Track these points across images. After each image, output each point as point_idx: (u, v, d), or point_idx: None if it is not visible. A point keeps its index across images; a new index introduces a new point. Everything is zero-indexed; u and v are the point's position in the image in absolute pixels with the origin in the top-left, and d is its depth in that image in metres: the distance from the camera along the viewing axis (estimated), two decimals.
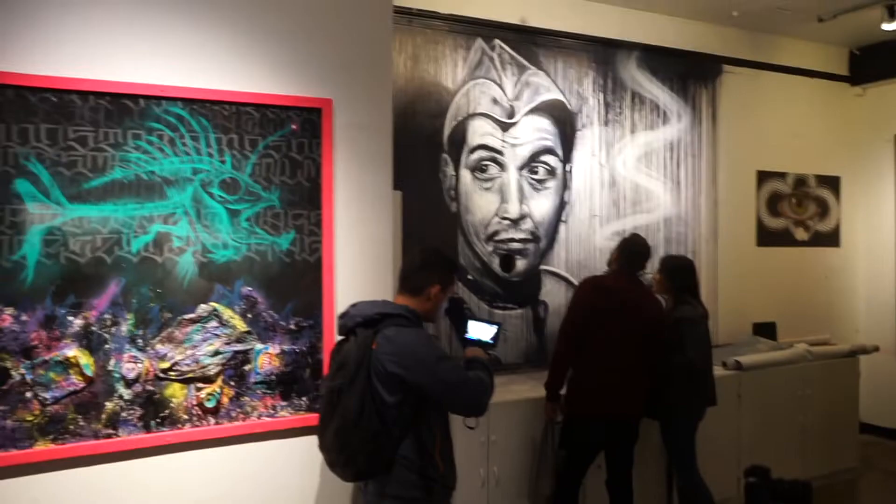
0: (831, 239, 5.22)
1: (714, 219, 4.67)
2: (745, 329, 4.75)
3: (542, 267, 4.04)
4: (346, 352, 1.95)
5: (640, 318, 2.94)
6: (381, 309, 1.98)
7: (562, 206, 4.08)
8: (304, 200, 2.48)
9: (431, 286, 2.05)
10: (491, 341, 2.21)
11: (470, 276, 3.85)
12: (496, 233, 3.90)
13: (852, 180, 5.30)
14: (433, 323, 2.14)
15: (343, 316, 2.04)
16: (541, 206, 4.01)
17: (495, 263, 3.90)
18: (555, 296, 4.08)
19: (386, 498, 1.93)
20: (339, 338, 2.07)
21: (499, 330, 2.23)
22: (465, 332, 2.22)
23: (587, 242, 4.18)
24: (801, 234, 5.07)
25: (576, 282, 4.00)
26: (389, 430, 1.88)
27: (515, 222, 3.93)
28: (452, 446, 2.05)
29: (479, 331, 2.22)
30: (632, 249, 3.05)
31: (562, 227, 4.09)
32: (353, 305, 2.05)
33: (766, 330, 4.78)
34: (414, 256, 2.10)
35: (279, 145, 2.45)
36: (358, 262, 2.57)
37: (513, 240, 3.92)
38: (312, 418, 2.44)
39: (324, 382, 2.04)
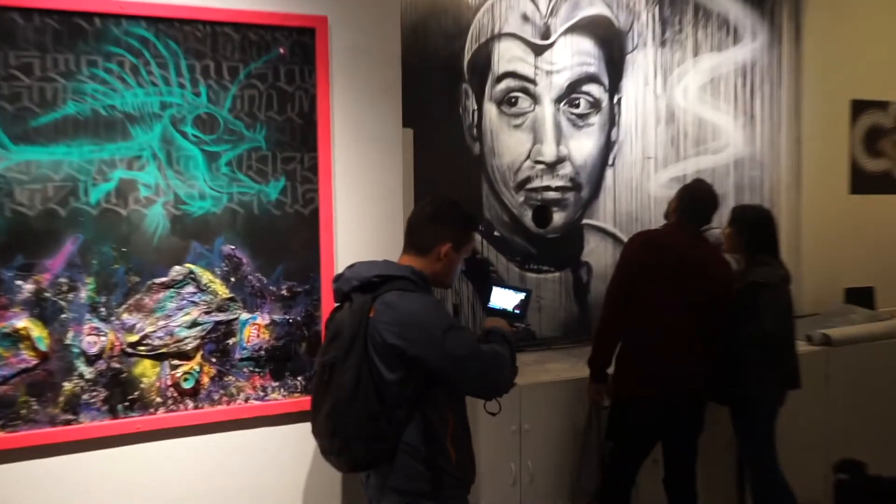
0: None
1: (797, 160, 4.64)
2: (835, 296, 4.74)
3: (585, 221, 4.04)
4: (339, 321, 1.99)
5: (703, 280, 2.94)
6: (380, 270, 2.00)
7: (608, 146, 4.04)
8: (296, 141, 2.48)
9: (442, 244, 2.06)
10: (517, 311, 2.23)
11: (497, 233, 3.83)
12: (528, 180, 3.88)
13: None
14: (446, 288, 2.16)
15: (338, 279, 2.07)
16: (582, 146, 3.98)
17: (527, 217, 3.89)
18: (600, 256, 4.06)
19: (388, 491, 1.97)
20: (336, 305, 2.11)
21: (527, 297, 2.24)
22: (489, 300, 2.26)
23: (639, 191, 4.15)
24: None
25: (625, 238, 3.97)
26: (390, 411, 1.91)
27: (552, 167, 3.90)
28: (469, 433, 2.08)
29: (505, 299, 2.25)
30: (693, 197, 3.03)
31: (608, 173, 4.06)
32: (350, 267, 2.08)
33: (861, 297, 4.76)
34: (423, 208, 2.11)
35: (264, 74, 2.45)
36: (362, 215, 2.58)
37: (549, 188, 3.90)
38: (309, 401, 2.31)
39: (317, 358, 2.08)
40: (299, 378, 2.52)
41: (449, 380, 1.94)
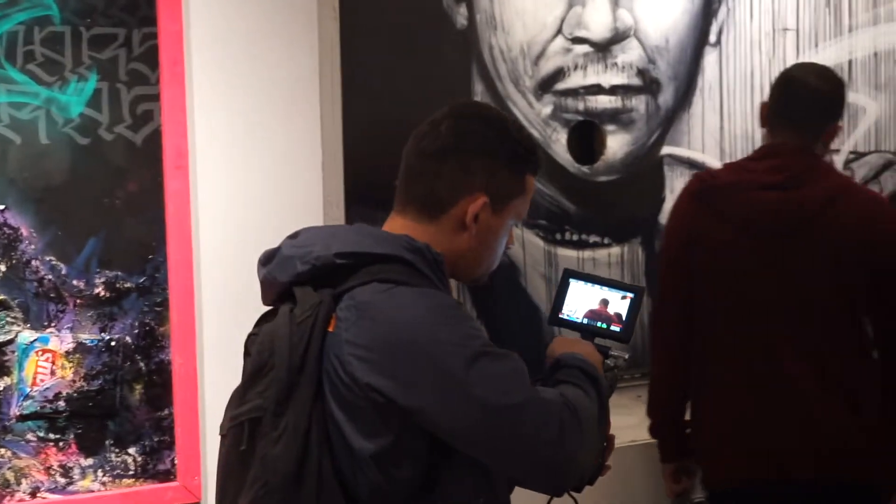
0: None
1: None
2: None
3: (667, 151, 3.66)
4: (268, 340, 1.79)
5: (829, 245, 2.71)
6: (353, 245, 1.82)
7: (709, 10, 3.65)
8: (118, 6, 2.44)
9: (469, 197, 1.84)
10: (616, 328, 2.10)
11: None
12: (560, 74, 3.46)
13: None
14: (476, 283, 2.01)
15: (268, 259, 1.89)
16: (661, 10, 3.57)
17: (560, 144, 3.48)
18: None
19: None
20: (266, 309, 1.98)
21: (637, 301, 2.12)
22: (560, 305, 2.16)
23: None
24: None
25: None
26: None
27: (604, 49, 3.49)
28: None
29: (589, 302, 2.14)
30: (788, 89, 2.84)
31: (709, 59, 3.67)
32: (294, 236, 1.91)
33: None
34: (434, 126, 1.90)
35: None
36: (244, 146, 2.55)
37: (598, 89, 3.48)
38: (151, 494, 2.47)
39: (226, 411, 1.89)
40: (132, 450, 2.45)
41: (477, 455, 1.75)
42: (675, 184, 3.60)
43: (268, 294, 1.89)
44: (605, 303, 2.12)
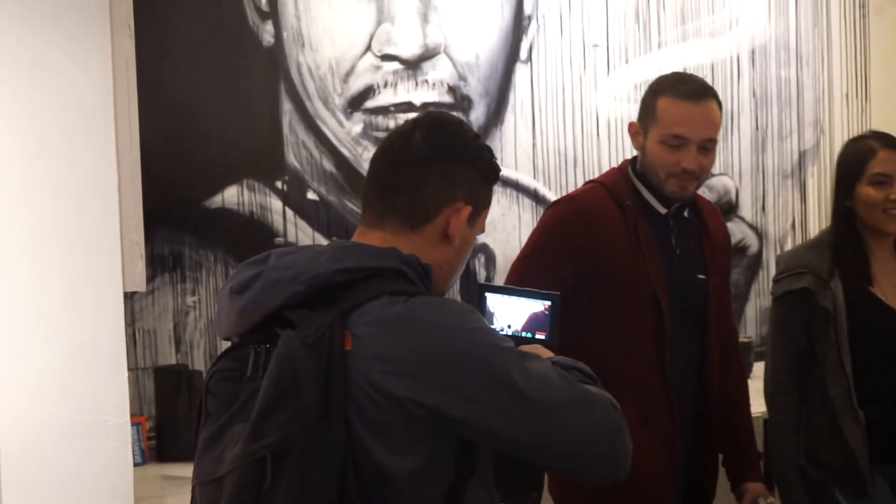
0: None
1: (862, 46, 4.87)
2: None
3: None
4: (286, 366, 1.94)
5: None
6: (348, 261, 1.98)
7: (519, 26, 4.18)
8: None
9: (449, 204, 2.03)
10: (540, 336, 2.28)
11: (312, 195, 3.97)
12: (370, 91, 3.99)
13: None
14: (442, 293, 2.15)
15: (245, 287, 2.01)
16: (471, 27, 4.09)
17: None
18: (508, 232, 4.29)
19: None
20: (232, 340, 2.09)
21: (555, 307, 2.27)
22: (491, 320, 2.28)
23: (580, 107, 4.33)
24: None
25: (554, 196, 4.14)
26: None
27: (414, 66, 4.02)
28: None
29: (512, 314, 2.28)
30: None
31: (520, 75, 4.22)
32: (263, 259, 2.05)
33: None
34: (406, 136, 2.08)
35: None
36: (33, 164, 2.69)
37: (409, 107, 4.01)
38: None
39: (236, 450, 1.95)
40: None
41: (534, 456, 2.00)
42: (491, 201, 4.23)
43: (242, 324, 2.02)
44: (523, 310, 2.34)
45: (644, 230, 3.02)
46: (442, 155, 2.04)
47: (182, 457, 3.42)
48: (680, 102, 2.95)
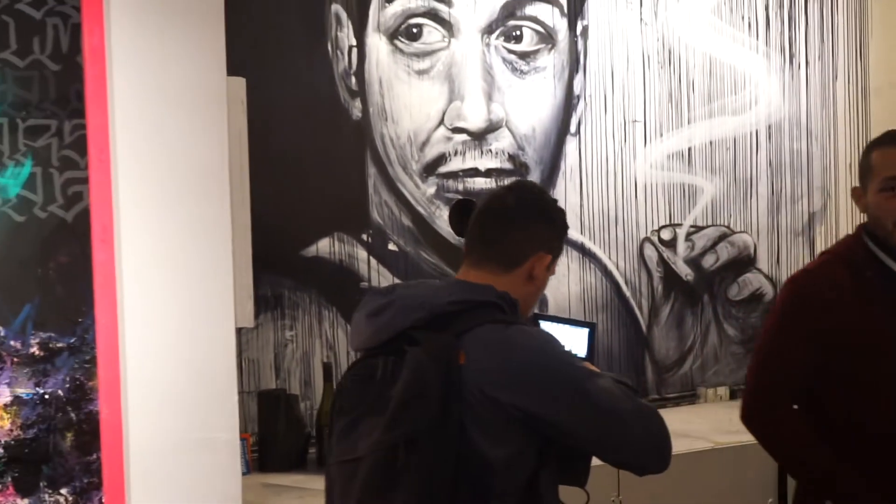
0: None
1: (865, 125, 4.77)
2: None
3: None
4: (417, 373, 2.08)
5: None
6: (458, 295, 2.14)
7: (569, 104, 4.17)
8: (51, 100, 2.54)
9: (535, 253, 2.21)
10: (586, 356, 2.38)
11: (393, 246, 3.92)
12: (442, 159, 3.97)
13: None
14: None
15: (376, 313, 2.18)
16: (529, 104, 4.08)
17: (443, 218, 3.98)
18: (559, 282, 4.15)
19: None
20: (364, 352, 2.25)
21: (592, 334, 2.42)
22: None
23: (621, 174, 4.28)
24: None
25: (598, 250, 4.19)
26: None
27: (480, 137, 4.00)
28: None
29: (559, 336, 2.32)
30: None
31: (570, 146, 4.19)
32: (389, 290, 2.23)
33: None
34: (502, 198, 2.29)
35: None
36: (164, 219, 2.64)
37: (475, 171, 4.00)
38: None
39: (377, 434, 2.11)
40: (64, 491, 2.57)
41: (596, 451, 2.18)
42: None
43: (375, 339, 2.21)
44: (572, 336, 2.47)
45: (886, 298, 2.76)
46: (529, 214, 2.23)
47: (279, 468, 3.52)
48: (889, 150, 2.79)
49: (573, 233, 4.16)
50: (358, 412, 2.19)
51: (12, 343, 2.56)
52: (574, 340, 2.43)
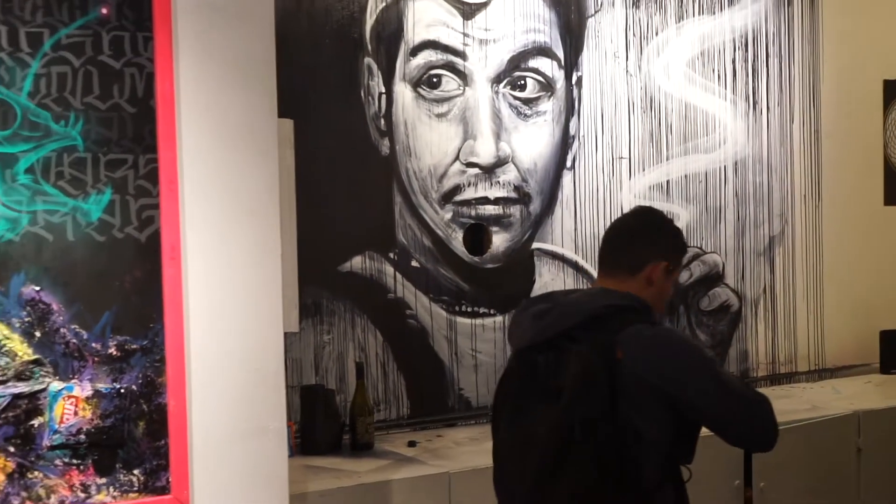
0: None
1: (815, 162, 4.85)
2: (868, 341, 4.92)
3: (536, 245, 4.19)
4: (565, 368, 2.21)
5: None
6: (609, 300, 2.28)
7: (565, 143, 4.23)
8: (127, 138, 2.53)
9: (654, 262, 2.35)
10: None
11: (415, 263, 3.93)
12: (457, 189, 4.01)
13: None
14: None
15: (540, 315, 2.31)
16: (531, 143, 4.14)
17: (457, 240, 4.01)
18: None
19: None
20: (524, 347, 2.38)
21: None
22: None
23: (609, 203, 4.33)
24: None
25: (590, 267, 4.21)
26: (648, 479, 2.20)
27: (489, 171, 4.04)
28: None
29: None
30: None
31: (567, 179, 4.24)
32: (547, 297, 2.41)
33: None
34: (625, 220, 2.56)
35: (80, 43, 2.46)
36: (223, 240, 2.64)
37: (486, 200, 4.05)
38: None
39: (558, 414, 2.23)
40: (136, 471, 2.55)
41: (719, 426, 2.26)
42: (543, 270, 4.22)
43: (538, 338, 2.33)
44: None
45: None
46: (645, 229, 2.43)
47: (318, 452, 3.52)
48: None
49: (569, 252, 4.24)
50: (525, 399, 2.33)
51: (94, 345, 2.55)
52: None
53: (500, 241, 4.11)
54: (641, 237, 2.42)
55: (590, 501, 2.21)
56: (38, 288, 2.47)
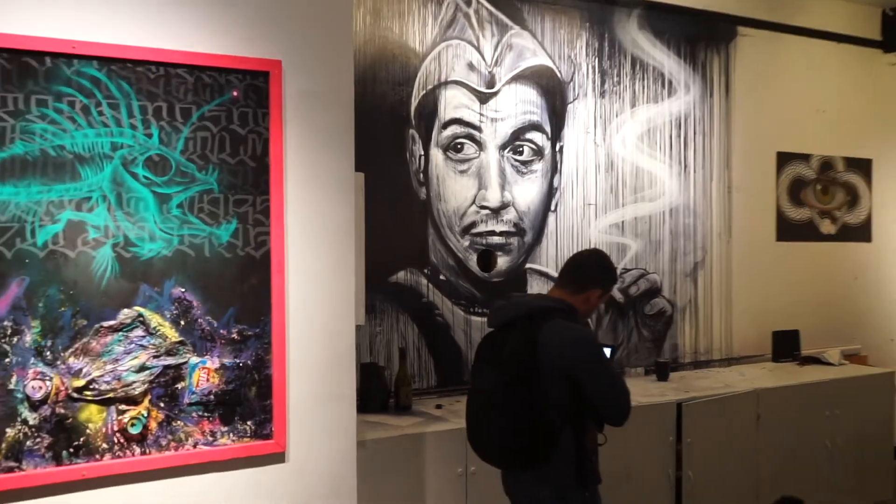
0: (862, 233, 5.41)
1: (727, 209, 4.88)
2: (763, 339, 4.98)
3: (528, 265, 4.21)
4: (506, 345, 2.33)
5: None
6: (545, 302, 2.39)
7: (550, 192, 4.24)
8: (249, 184, 2.54)
9: (594, 288, 2.45)
10: (610, 353, 2.60)
11: (442, 277, 3.96)
12: (473, 224, 4.04)
13: (886, 164, 5.48)
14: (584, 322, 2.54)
15: (500, 309, 2.45)
16: (526, 192, 4.17)
17: (472, 261, 4.04)
18: None
19: (543, 484, 2.34)
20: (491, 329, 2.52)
21: (614, 352, 2.67)
22: None
23: (580, 236, 4.34)
24: (827, 226, 5.27)
25: None
26: (552, 423, 2.25)
27: (496, 212, 4.07)
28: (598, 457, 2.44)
29: None
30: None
31: (551, 219, 4.25)
32: (508, 298, 2.48)
33: (788, 339, 4.98)
34: (587, 256, 2.56)
35: (217, 116, 2.49)
36: (314, 258, 2.65)
37: (493, 233, 4.07)
38: (258, 447, 2.54)
39: (477, 380, 2.44)
40: (249, 423, 2.55)
41: (595, 401, 2.30)
42: (532, 283, 4.17)
43: (497, 323, 2.45)
44: None
45: None
46: (593, 265, 2.50)
47: (371, 411, 3.47)
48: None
49: (551, 271, 4.24)
50: (483, 365, 2.46)
51: (221, 331, 2.51)
52: None
53: (503, 262, 4.13)
54: (589, 270, 2.50)
55: (515, 434, 2.29)
56: (183, 290, 2.46)
